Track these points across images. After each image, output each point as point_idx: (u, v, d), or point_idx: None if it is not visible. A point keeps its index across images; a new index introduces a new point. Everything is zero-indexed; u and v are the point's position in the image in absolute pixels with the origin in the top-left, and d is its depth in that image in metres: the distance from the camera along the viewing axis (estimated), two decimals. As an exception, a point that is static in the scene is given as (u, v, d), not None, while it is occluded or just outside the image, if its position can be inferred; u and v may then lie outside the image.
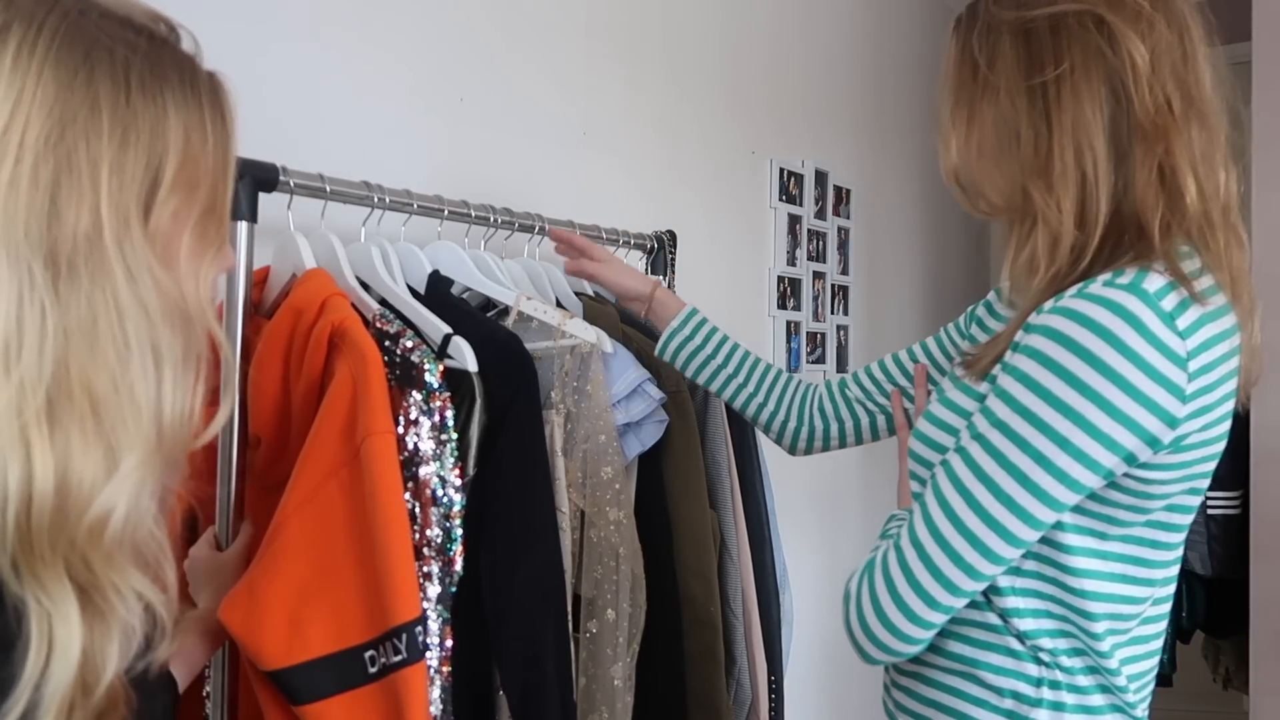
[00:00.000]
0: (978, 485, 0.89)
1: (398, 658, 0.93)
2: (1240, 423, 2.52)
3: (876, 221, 3.04)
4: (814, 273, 2.70)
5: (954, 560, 0.90)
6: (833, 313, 2.81)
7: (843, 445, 1.36)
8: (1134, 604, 0.95)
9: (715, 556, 1.43)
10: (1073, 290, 0.88)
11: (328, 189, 1.18)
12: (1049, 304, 0.89)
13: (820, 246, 2.74)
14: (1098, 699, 0.95)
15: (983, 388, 0.96)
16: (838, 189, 2.81)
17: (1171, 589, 1.02)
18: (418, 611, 0.95)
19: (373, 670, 0.94)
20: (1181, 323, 0.86)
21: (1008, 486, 0.88)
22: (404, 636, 0.93)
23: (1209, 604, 2.65)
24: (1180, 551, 1.00)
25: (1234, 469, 2.53)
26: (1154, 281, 0.87)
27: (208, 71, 0.70)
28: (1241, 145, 0.97)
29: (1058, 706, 0.94)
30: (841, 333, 2.85)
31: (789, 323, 2.58)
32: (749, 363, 1.37)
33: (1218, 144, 0.94)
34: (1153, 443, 0.86)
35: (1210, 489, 1.25)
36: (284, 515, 0.96)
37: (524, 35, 1.79)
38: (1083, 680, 0.95)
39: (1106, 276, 0.88)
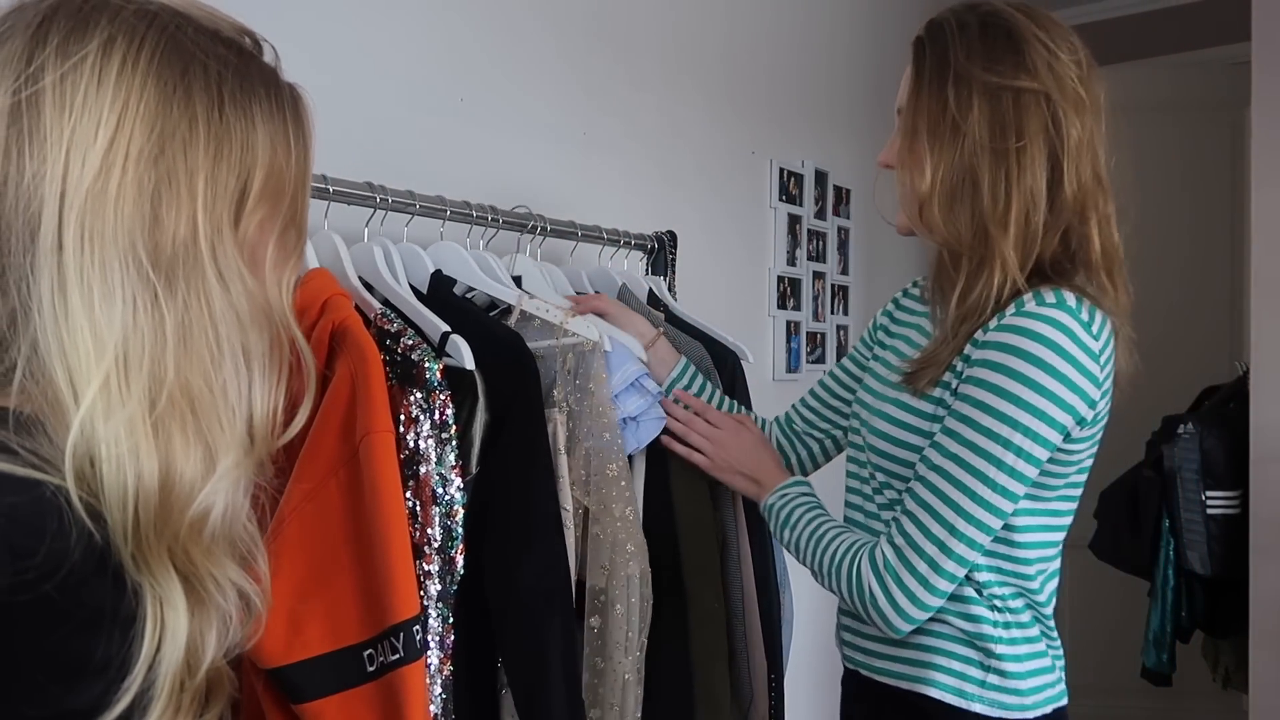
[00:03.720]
0: (974, 498, 1.10)
1: (395, 656, 0.93)
2: (1239, 423, 2.54)
3: (876, 221, 3.03)
4: (814, 273, 2.70)
5: (959, 538, 1.11)
6: (833, 313, 2.81)
7: (804, 471, 1.53)
8: (1055, 546, 1.21)
9: (718, 555, 1.43)
10: (1011, 309, 1.10)
11: (330, 189, 1.18)
12: (993, 322, 1.11)
13: (820, 246, 2.74)
14: (1029, 622, 1.20)
15: (936, 392, 1.16)
16: (838, 189, 2.81)
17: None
18: (416, 610, 0.95)
19: (371, 669, 0.94)
20: (1094, 327, 1.10)
21: (993, 459, 1.09)
22: (401, 635, 0.93)
23: (1208, 603, 2.65)
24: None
25: (1233, 469, 2.53)
26: (1069, 297, 1.10)
27: (289, 84, 0.73)
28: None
29: (1012, 641, 1.19)
30: (841, 333, 2.85)
31: (789, 323, 2.59)
32: (730, 410, 1.52)
33: (1115, 211, 1.19)
34: (1080, 421, 1.11)
35: (1210, 489, 1.31)
36: (283, 514, 0.96)
37: (524, 35, 1.79)
38: (1024, 616, 1.20)
39: (1030, 296, 1.10)
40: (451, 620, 1.04)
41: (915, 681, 1.21)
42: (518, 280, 1.41)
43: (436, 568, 1.02)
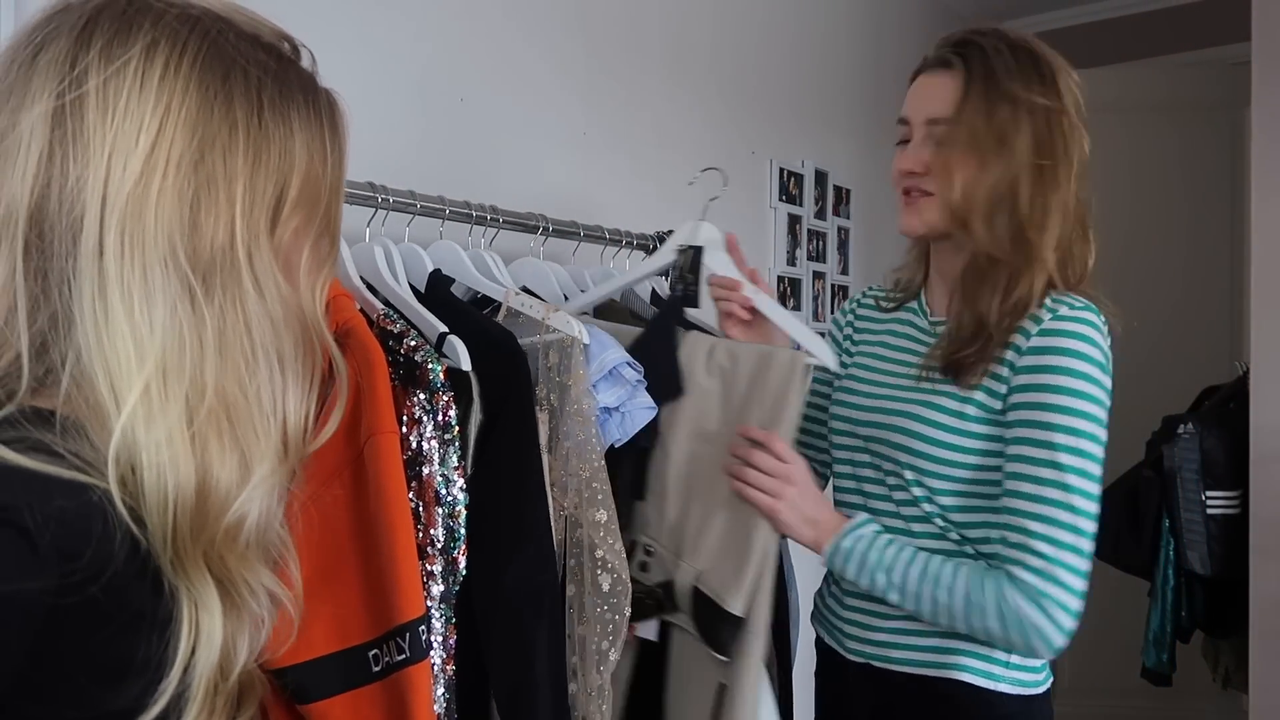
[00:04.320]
0: (1081, 494, 1.13)
1: (401, 656, 0.93)
2: (1239, 423, 2.54)
3: (876, 221, 3.04)
4: (814, 273, 2.70)
5: (1087, 548, 1.14)
6: (832, 313, 2.81)
7: None
8: None
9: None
10: (1048, 316, 1.18)
11: (330, 189, 1.18)
12: (1031, 326, 1.18)
13: (820, 246, 2.74)
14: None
15: (978, 395, 1.21)
16: (838, 189, 2.81)
17: None
18: (421, 610, 0.95)
19: (376, 669, 0.94)
20: (1101, 324, 1.20)
21: (1088, 455, 1.14)
22: (407, 635, 0.94)
23: (1208, 604, 2.65)
24: None
25: (1233, 469, 2.53)
26: (1091, 304, 1.20)
27: (325, 89, 0.73)
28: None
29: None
30: (841, 333, 2.85)
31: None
32: None
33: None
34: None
35: (1210, 489, 1.34)
36: (289, 514, 0.96)
37: (525, 35, 1.79)
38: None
39: (1062, 302, 1.19)
40: (454, 621, 1.04)
41: (943, 668, 1.24)
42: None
43: (439, 568, 1.02)
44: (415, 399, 1.03)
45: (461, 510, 1.04)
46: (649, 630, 1.30)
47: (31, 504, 0.57)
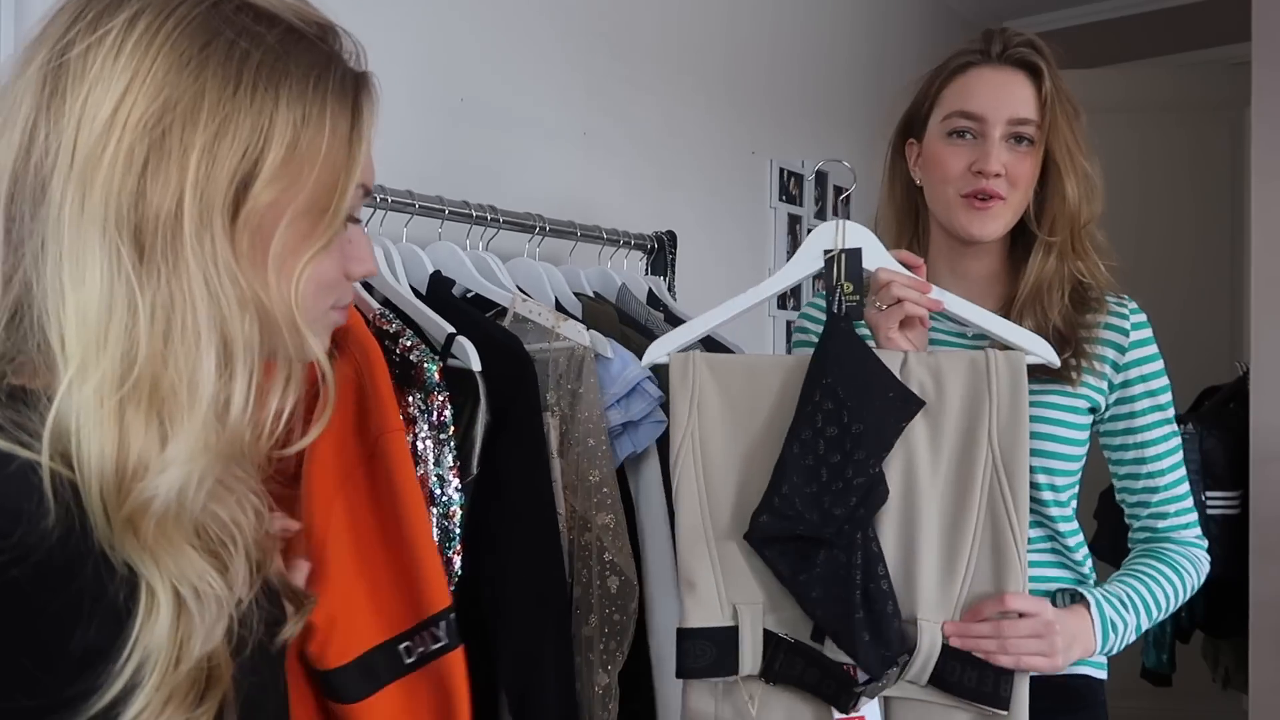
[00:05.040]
0: (1181, 464, 1.28)
1: (437, 645, 0.96)
2: (1240, 423, 2.53)
3: (870, 223, 3.03)
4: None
5: None
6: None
7: None
8: None
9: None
10: (1125, 309, 1.27)
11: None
12: (1123, 322, 1.25)
13: (820, 246, 2.74)
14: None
15: (1084, 390, 1.24)
16: (838, 189, 2.81)
17: None
18: (449, 600, 0.98)
19: (410, 661, 0.96)
20: None
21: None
22: (442, 624, 0.96)
23: (1208, 603, 2.65)
24: None
25: (1233, 469, 2.53)
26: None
27: (353, 71, 0.70)
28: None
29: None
30: (841, 333, 2.85)
31: (789, 323, 2.58)
32: None
33: None
34: None
35: (1210, 489, 1.38)
36: (311, 518, 0.96)
37: (524, 36, 1.79)
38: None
39: (1122, 298, 1.28)
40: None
41: (1070, 666, 1.18)
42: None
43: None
44: (410, 398, 1.03)
45: (457, 510, 1.04)
46: (874, 713, 1.11)
47: None
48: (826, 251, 1.18)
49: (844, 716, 1.09)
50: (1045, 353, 1.15)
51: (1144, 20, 3.51)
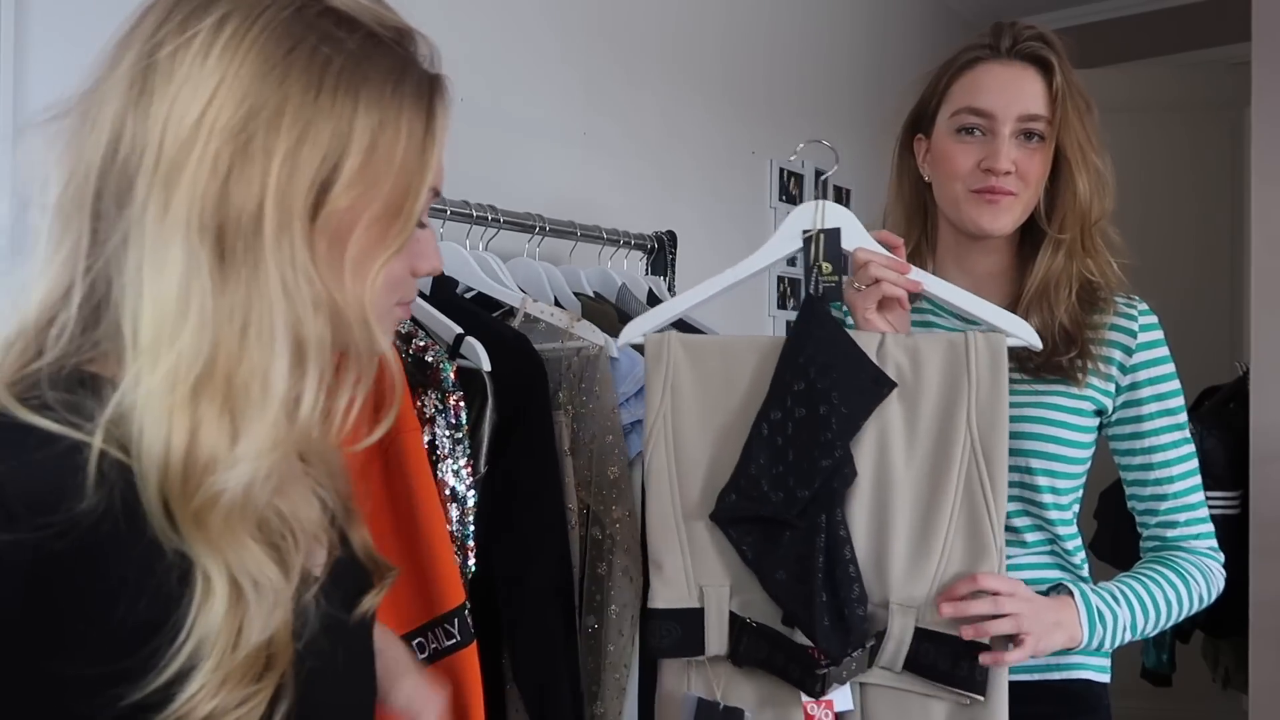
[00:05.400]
0: (1194, 471, 1.26)
1: (450, 641, 0.98)
2: (1239, 423, 2.53)
3: (876, 221, 3.03)
4: (814, 273, 2.70)
5: None
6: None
7: None
8: None
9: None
10: (1134, 310, 1.25)
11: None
12: (1130, 324, 1.23)
13: (820, 246, 2.74)
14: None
15: (1089, 391, 1.22)
16: (838, 189, 2.81)
17: None
18: (463, 597, 0.99)
19: (423, 656, 0.98)
20: None
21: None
22: (455, 621, 0.98)
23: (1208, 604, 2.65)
24: None
25: (1233, 469, 2.53)
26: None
27: (429, 75, 0.72)
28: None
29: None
30: (841, 333, 2.85)
31: (789, 323, 2.58)
32: None
33: None
34: None
35: (1209, 489, 1.38)
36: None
37: (524, 36, 1.79)
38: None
39: (1132, 299, 1.26)
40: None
41: (1068, 669, 1.22)
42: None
43: (457, 561, 1.05)
44: (426, 398, 1.05)
45: (472, 507, 1.06)
46: (845, 699, 1.09)
47: (4, 456, 0.58)
48: (805, 232, 1.19)
49: (813, 701, 1.08)
50: (1026, 335, 1.14)
51: (1144, 20, 3.51)
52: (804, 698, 1.08)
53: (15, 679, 0.60)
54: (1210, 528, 1.25)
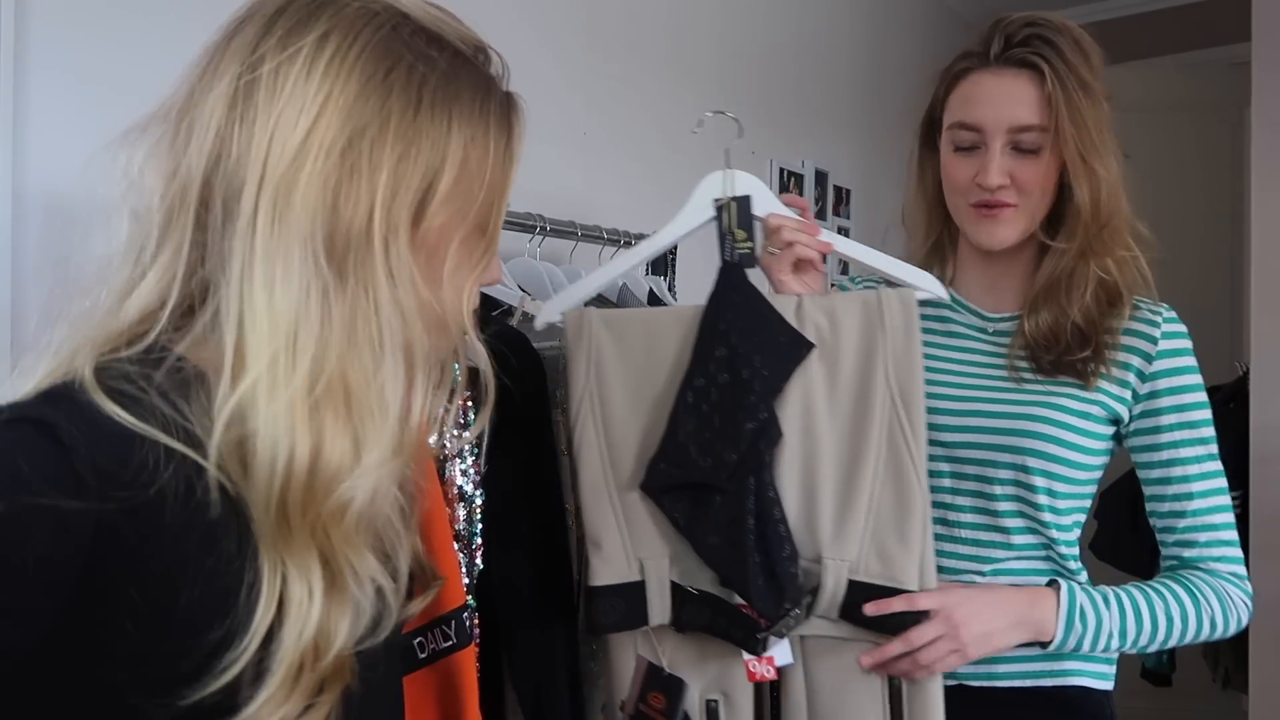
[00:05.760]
0: (1220, 491, 1.19)
1: (448, 643, 0.98)
2: (1240, 422, 2.54)
3: (876, 222, 3.04)
4: (814, 273, 2.70)
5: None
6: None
7: None
8: None
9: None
10: (1156, 314, 1.20)
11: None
12: (1152, 330, 1.18)
13: (820, 246, 2.74)
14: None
15: (1100, 395, 1.18)
16: (838, 189, 2.81)
17: None
18: (463, 599, 1.00)
19: (423, 656, 0.98)
20: None
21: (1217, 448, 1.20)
22: (453, 623, 0.98)
23: (1209, 604, 2.65)
24: None
25: (1234, 469, 2.53)
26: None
27: (506, 93, 0.75)
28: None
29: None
30: (841, 333, 2.85)
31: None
32: None
33: None
34: None
35: None
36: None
37: (525, 35, 1.79)
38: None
39: (1156, 305, 1.22)
40: (478, 612, 1.08)
41: (1060, 675, 1.19)
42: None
43: (464, 562, 1.06)
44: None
45: (480, 506, 1.07)
46: (784, 654, 1.11)
47: (73, 422, 0.59)
48: (716, 200, 1.20)
49: (754, 658, 1.09)
50: (933, 287, 1.17)
51: (1144, 20, 3.51)
52: (745, 656, 1.10)
53: (68, 656, 0.60)
54: (1237, 553, 1.19)
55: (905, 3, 3.22)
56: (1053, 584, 1.15)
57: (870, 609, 1.07)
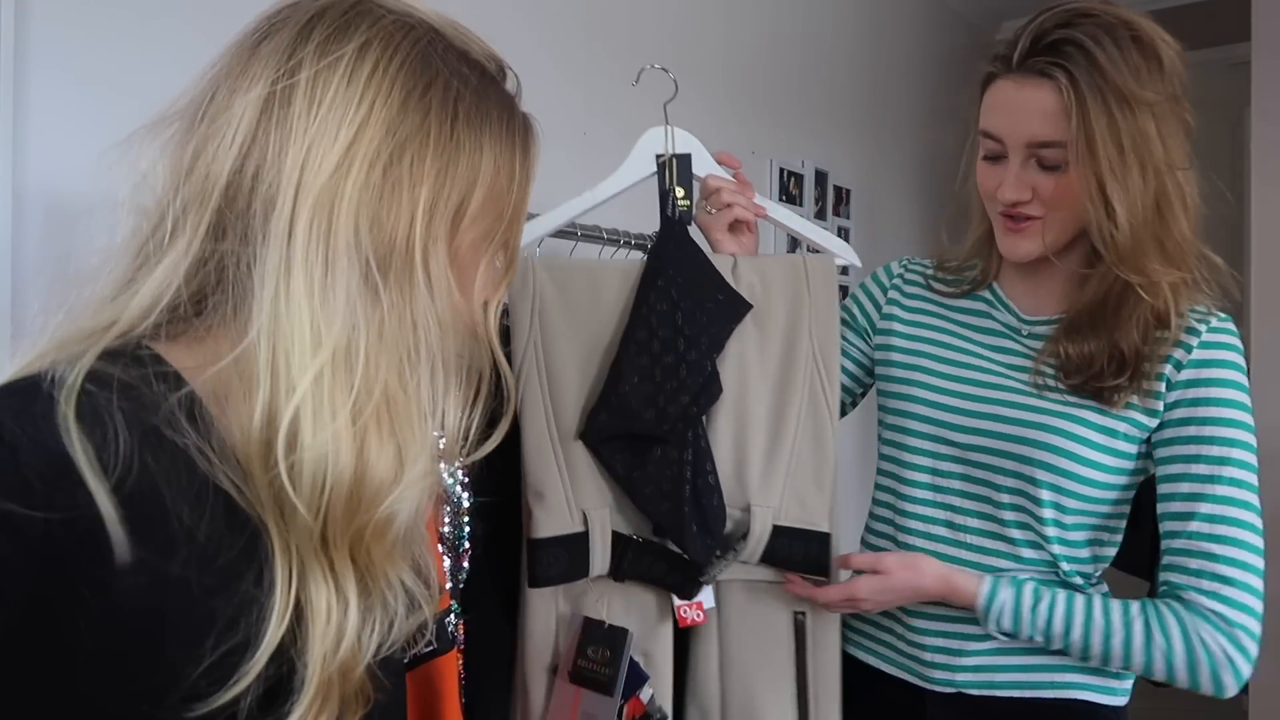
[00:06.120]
0: (1250, 516, 1.04)
1: (429, 649, 0.96)
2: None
3: (876, 221, 3.04)
4: (814, 273, 2.70)
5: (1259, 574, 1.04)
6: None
7: None
8: None
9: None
10: (1205, 329, 1.08)
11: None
12: (1203, 335, 1.08)
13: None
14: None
15: (1129, 412, 1.09)
16: (838, 189, 2.81)
17: None
18: (445, 604, 0.99)
19: (404, 661, 0.98)
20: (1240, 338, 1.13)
21: (1254, 468, 1.06)
22: (434, 628, 0.97)
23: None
24: None
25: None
26: (1208, 305, 1.12)
27: (523, 113, 0.75)
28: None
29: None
30: (841, 333, 2.85)
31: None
32: None
33: None
34: None
35: None
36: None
37: (524, 35, 1.79)
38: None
39: (1207, 313, 1.10)
40: (464, 616, 1.07)
41: (1059, 688, 1.13)
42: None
43: (449, 565, 1.05)
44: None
45: (468, 508, 1.06)
46: (709, 598, 1.16)
47: (19, 421, 0.57)
48: (658, 156, 1.25)
49: (685, 603, 1.14)
50: (848, 255, 1.26)
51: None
52: (676, 600, 1.14)
53: (35, 669, 0.58)
54: (1235, 594, 1.02)
55: (906, 3, 3.22)
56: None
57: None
